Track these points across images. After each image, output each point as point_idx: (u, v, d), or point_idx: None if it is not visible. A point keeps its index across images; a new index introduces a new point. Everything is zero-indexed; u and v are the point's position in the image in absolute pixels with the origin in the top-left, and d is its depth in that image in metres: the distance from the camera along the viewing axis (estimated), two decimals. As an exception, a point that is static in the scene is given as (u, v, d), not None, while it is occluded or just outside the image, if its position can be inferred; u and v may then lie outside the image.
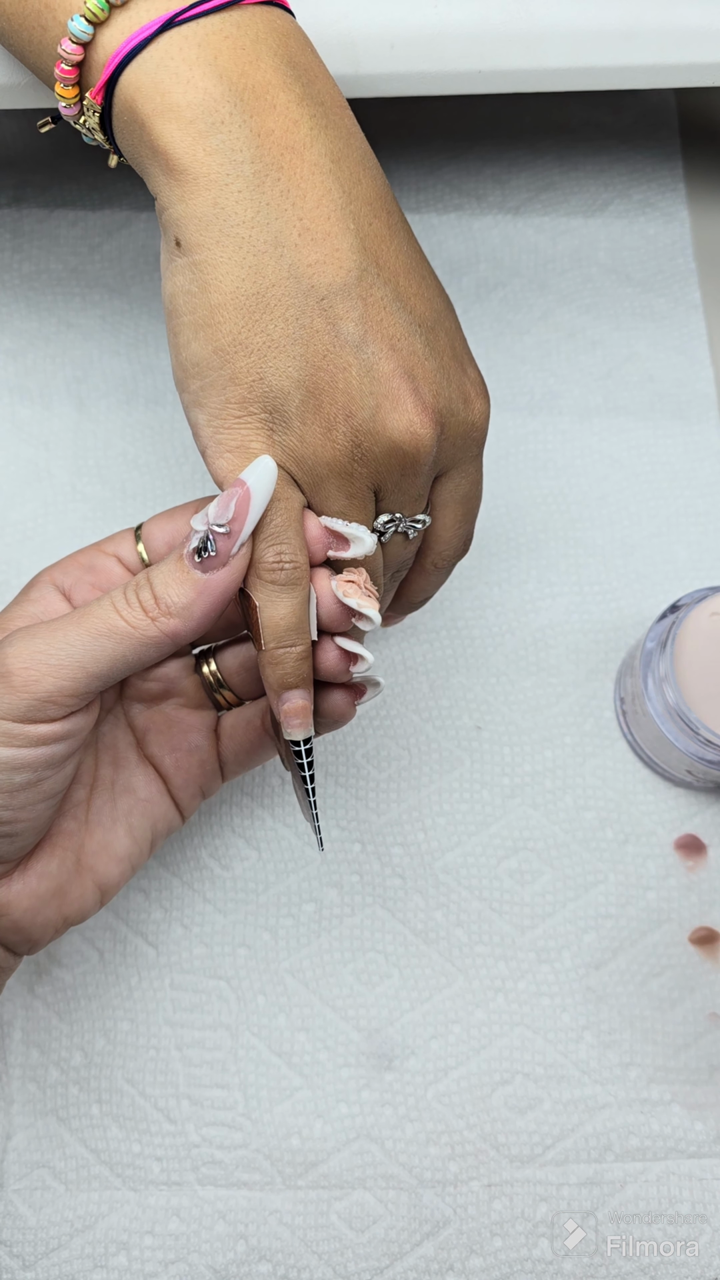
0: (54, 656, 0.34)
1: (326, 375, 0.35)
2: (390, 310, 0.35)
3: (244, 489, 0.33)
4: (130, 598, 0.34)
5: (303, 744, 0.38)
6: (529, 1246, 0.45)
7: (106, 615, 0.34)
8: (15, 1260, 0.44)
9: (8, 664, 0.34)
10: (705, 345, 0.56)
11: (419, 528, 0.38)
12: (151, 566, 0.35)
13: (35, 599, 0.40)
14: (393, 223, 0.36)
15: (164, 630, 0.34)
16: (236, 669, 0.42)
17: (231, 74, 0.34)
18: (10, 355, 0.55)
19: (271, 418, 0.35)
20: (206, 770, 0.42)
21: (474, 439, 0.38)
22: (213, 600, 0.34)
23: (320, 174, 0.35)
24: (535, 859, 0.49)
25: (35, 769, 0.35)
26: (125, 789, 0.41)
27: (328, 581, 0.36)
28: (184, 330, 0.35)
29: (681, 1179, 0.46)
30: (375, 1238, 0.45)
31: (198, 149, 0.34)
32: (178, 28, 0.34)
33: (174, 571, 0.34)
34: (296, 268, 0.34)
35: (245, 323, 0.34)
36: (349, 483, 0.36)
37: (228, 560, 0.34)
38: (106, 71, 0.35)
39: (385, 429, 0.35)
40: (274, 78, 0.35)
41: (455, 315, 0.39)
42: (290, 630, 0.36)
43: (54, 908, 0.39)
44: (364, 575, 0.37)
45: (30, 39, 0.36)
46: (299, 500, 0.36)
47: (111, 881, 0.40)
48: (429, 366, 0.36)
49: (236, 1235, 0.45)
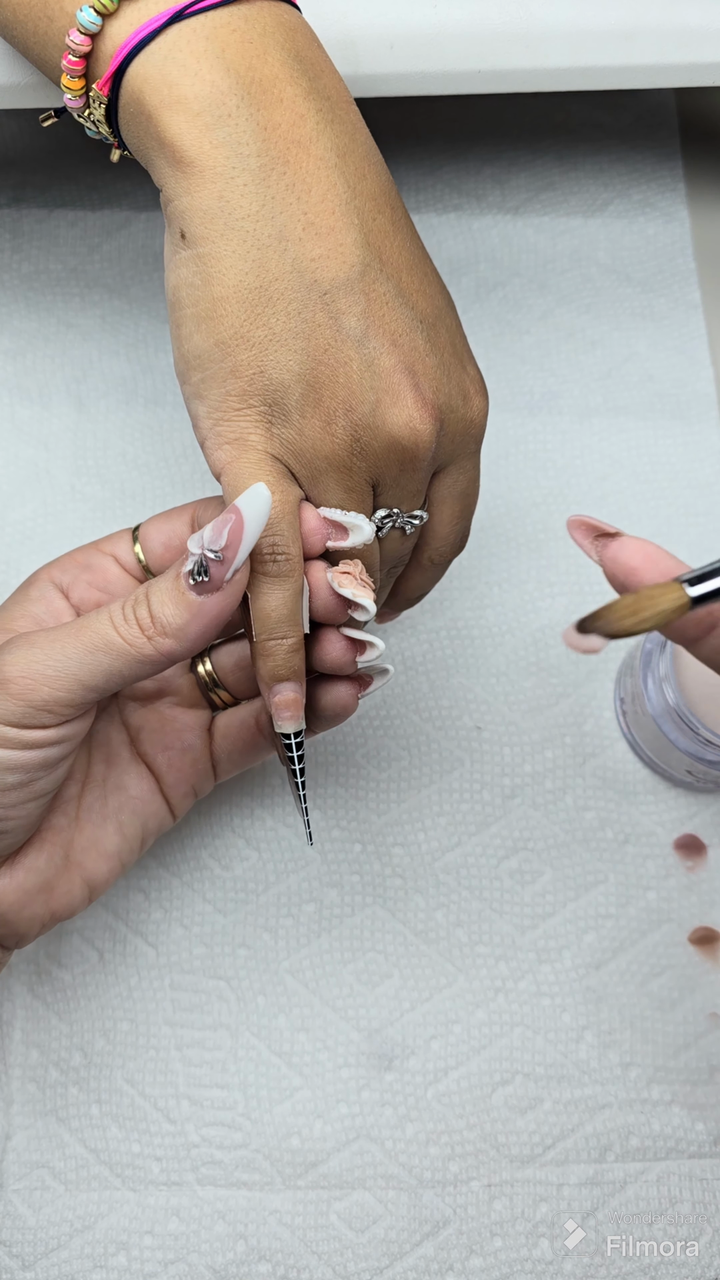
0: (51, 668, 0.34)
1: (327, 369, 0.35)
2: (392, 306, 0.35)
3: (237, 516, 0.33)
4: (128, 614, 0.34)
5: (293, 737, 0.38)
6: (529, 1246, 0.45)
7: (104, 630, 0.34)
8: (15, 1260, 0.44)
9: (5, 671, 0.34)
10: (705, 345, 0.56)
11: (416, 523, 0.38)
12: (149, 582, 0.35)
13: (35, 598, 0.40)
14: (396, 218, 0.37)
15: (160, 650, 0.34)
16: (232, 668, 0.42)
17: (239, 67, 0.34)
18: (10, 355, 0.55)
19: (271, 411, 0.35)
20: (199, 770, 0.42)
21: (472, 435, 0.38)
22: (207, 623, 0.34)
23: (325, 168, 0.35)
24: (535, 859, 0.49)
25: (28, 770, 0.35)
26: (117, 787, 0.41)
27: (323, 573, 0.36)
28: (186, 322, 0.35)
29: (682, 1179, 0.46)
30: (375, 1238, 0.45)
31: (204, 141, 0.34)
32: (186, 20, 0.34)
33: (170, 591, 0.34)
34: (300, 262, 0.34)
35: (247, 316, 0.34)
36: (347, 476, 0.36)
37: (222, 585, 0.34)
38: (114, 63, 0.35)
39: (385, 424, 0.35)
40: (281, 71, 0.35)
41: (456, 312, 0.39)
42: (282, 622, 0.36)
43: (41, 903, 0.39)
44: (359, 566, 0.37)
45: (36, 29, 0.36)
46: (295, 493, 0.36)
47: (100, 878, 0.40)
48: (430, 363, 0.36)
49: (236, 1235, 0.45)
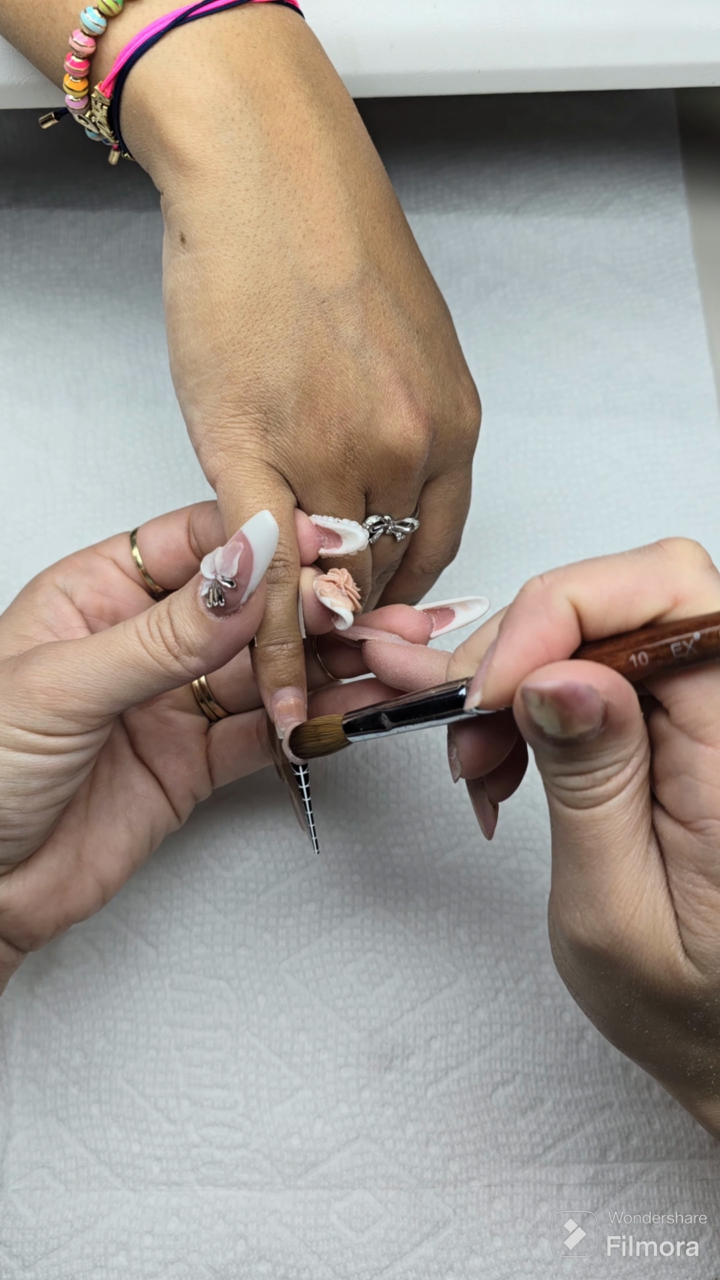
0: (80, 680, 0.35)
1: (323, 377, 0.35)
2: (390, 315, 0.35)
3: (246, 546, 0.33)
4: (154, 631, 0.35)
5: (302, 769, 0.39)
6: (529, 1246, 0.45)
7: (132, 646, 0.35)
8: (15, 1260, 0.44)
9: (34, 681, 0.35)
10: (705, 345, 0.56)
11: (407, 530, 0.39)
12: (171, 598, 0.35)
13: (43, 603, 0.40)
14: (395, 227, 0.37)
15: (188, 668, 0.35)
16: (225, 680, 0.42)
17: (243, 71, 0.34)
18: (10, 355, 0.55)
19: (266, 418, 0.35)
20: (195, 773, 0.43)
21: (465, 446, 0.39)
22: (229, 642, 0.35)
23: (327, 175, 0.35)
24: (535, 859, 0.49)
25: (52, 776, 0.35)
26: (123, 786, 0.41)
27: (309, 581, 0.37)
28: (183, 326, 0.35)
29: (682, 1179, 0.45)
30: (375, 1238, 0.45)
31: (207, 145, 0.34)
32: (190, 23, 0.34)
33: (190, 611, 0.34)
34: (299, 269, 0.34)
35: (245, 322, 0.34)
36: (340, 484, 0.36)
37: (239, 608, 0.34)
38: (118, 64, 0.34)
39: (379, 433, 0.35)
40: (284, 77, 0.35)
41: (452, 322, 0.39)
42: (281, 627, 0.36)
43: (55, 903, 0.39)
44: (345, 576, 0.37)
45: (38, 30, 0.36)
46: (290, 500, 0.36)
47: (112, 877, 0.40)
48: (425, 373, 0.36)
49: (236, 1235, 0.45)
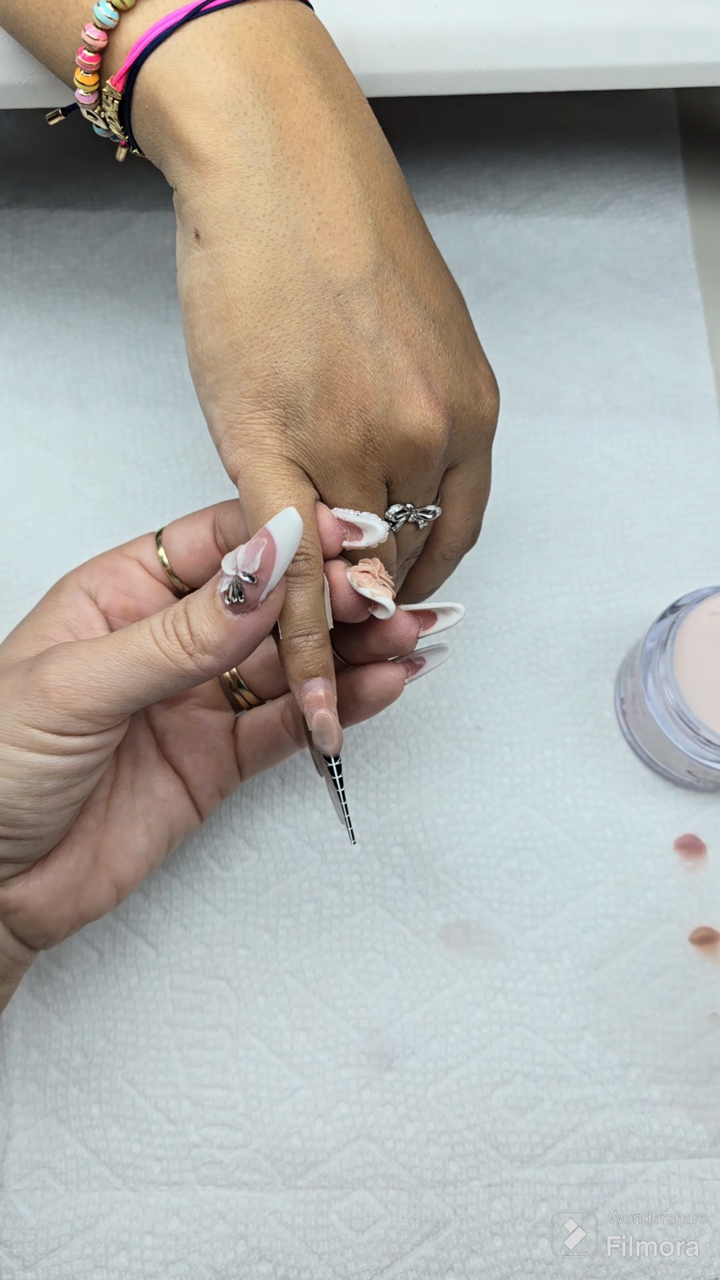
0: (94, 679, 0.35)
1: (341, 370, 0.35)
2: (405, 305, 0.35)
3: (270, 541, 0.33)
4: (169, 629, 0.35)
5: (334, 759, 0.38)
6: (529, 1246, 0.45)
7: (146, 645, 0.35)
8: (15, 1260, 0.44)
9: (48, 680, 0.35)
10: (705, 345, 0.56)
11: (429, 518, 0.39)
12: (188, 598, 0.35)
13: (66, 604, 0.40)
14: (409, 217, 0.37)
15: (201, 665, 0.35)
16: (257, 667, 0.42)
17: (255, 65, 0.34)
18: (10, 355, 0.55)
19: (285, 413, 0.35)
20: (224, 770, 0.43)
21: (484, 432, 0.39)
22: (244, 640, 0.34)
23: (340, 168, 0.35)
24: (535, 859, 0.49)
25: (66, 776, 0.35)
26: (144, 789, 0.41)
27: (343, 572, 0.37)
28: (200, 323, 0.35)
29: (681, 1179, 0.45)
30: (375, 1238, 0.45)
31: (220, 139, 0.34)
32: (203, 17, 0.34)
33: (207, 609, 0.34)
34: (314, 262, 0.34)
35: (261, 317, 0.34)
36: (361, 475, 0.36)
37: (257, 605, 0.34)
38: (130, 58, 0.34)
39: (398, 423, 0.35)
40: (296, 70, 0.35)
41: (467, 310, 0.39)
42: (306, 618, 0.36)
43: (70, 903, 0.39)
44: (378, 565, 0.37)
45: (48, 24, 0.36)
46: (311, 494, 0.36)
47: (128, 879, 0.41)
48: (442, 361, 0.36)
49: (236, 1235, 0.45)
